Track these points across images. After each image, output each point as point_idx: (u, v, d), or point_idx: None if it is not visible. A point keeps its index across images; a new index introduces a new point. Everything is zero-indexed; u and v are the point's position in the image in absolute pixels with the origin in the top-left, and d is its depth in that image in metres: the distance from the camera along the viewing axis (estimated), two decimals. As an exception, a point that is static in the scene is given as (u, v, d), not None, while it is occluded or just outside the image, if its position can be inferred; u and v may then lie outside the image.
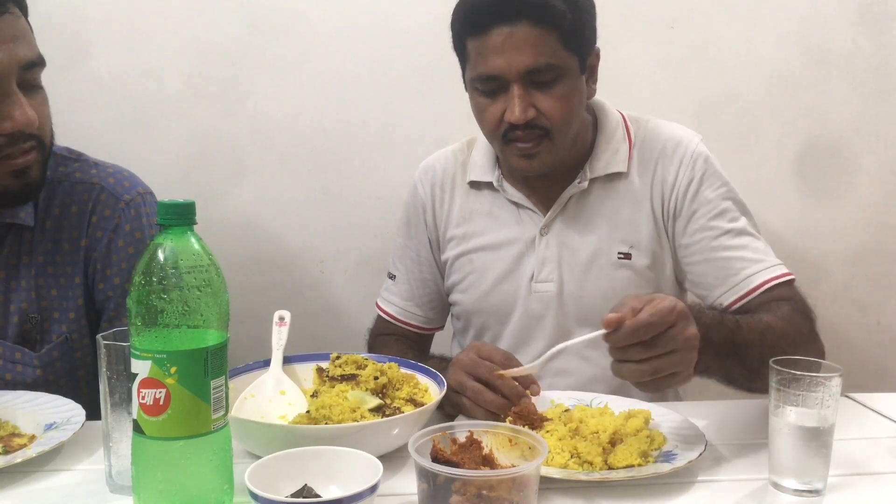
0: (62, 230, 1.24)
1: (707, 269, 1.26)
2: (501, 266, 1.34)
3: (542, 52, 1.16)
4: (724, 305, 1.23)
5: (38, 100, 1.13)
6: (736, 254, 1.24)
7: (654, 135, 1.32)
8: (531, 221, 1.33)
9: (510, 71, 1.17)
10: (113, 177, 1.28)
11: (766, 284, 1.21)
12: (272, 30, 1.76)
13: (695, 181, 1.27)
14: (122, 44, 1.74)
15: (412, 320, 1.46)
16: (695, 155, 1.28)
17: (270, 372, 1.12)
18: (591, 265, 1.30)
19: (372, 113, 1.80)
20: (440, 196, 1.41)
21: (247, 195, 1.82)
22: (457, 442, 0.84)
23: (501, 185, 1.34)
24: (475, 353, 1.08)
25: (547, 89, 1.19)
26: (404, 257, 1.46)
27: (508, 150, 1.24)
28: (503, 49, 1.16)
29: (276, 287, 1.85)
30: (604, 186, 1.30)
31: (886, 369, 1.94)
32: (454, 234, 1.39)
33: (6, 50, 1.06)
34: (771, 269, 1.23)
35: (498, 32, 1.16)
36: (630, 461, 0.93)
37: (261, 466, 0.81)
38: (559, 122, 1.20)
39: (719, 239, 1.25)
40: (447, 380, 1.08)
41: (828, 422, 0.87)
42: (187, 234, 0.79)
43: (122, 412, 0.87)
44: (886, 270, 1.91)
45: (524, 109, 1.17)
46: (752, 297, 1.21)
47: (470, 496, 0.75)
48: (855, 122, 1.85)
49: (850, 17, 1.81)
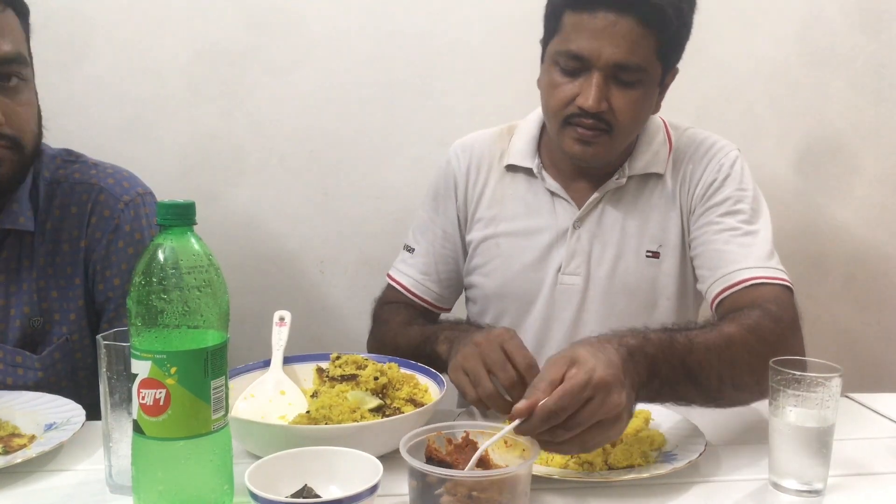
0: (62, 231, 1.23)
1: (702, 261, 1.25)
2: (530, 254, 1.33)
3: (637, 52, 1.15)
4: (712, 297, 1.21)
5: (16, 99, 1.12)
6: (734, 249, 1.22)
7: (693, 140, 1.33)
8: (565, 213, 1.32)
9: (600, 58, 1.15)
10: (112, 177, 1.28)
11: (753, 280, 1.17)
12: (272, 30, 1.76)
13: (717, 181, 1.28)
14: (122, 44, 1.74)
15: (426, 295, 1.42)
16: (725, 159, 1.29)
17: (270, 372, 1.12)
18: (619, 261, 1.30)
19: (372, 113, 1.80)
20: (475, 175, 1.39)
21: (247, 196, 1.82)
22: (452, 442, 0.84)
23: (541, 173, 1.34)
24: (500, 344, 1.01)
25: (625, 88, 1.18)
26: (427, 231, 1.43)
27: (566, 132, 1.22)
28: (602, 35, 1.14)
29: (276, 287, 1.84)
30: (640, 186, 1.31)
31: (886, 369, 1.94)
32: (483, 216, 1.38)
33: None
34: (764, 270, 1.18)
35: (604, 17, 1.14)
36: (630, 461, 0.93)
37: (261, 466, 0.81)
38: (626, 122, 1.20)
39: (722, 234, 1.24)
40: (462, 357, 1.04)
41: (828, 422, 0.87)
42: (187, 235, 0.79)
43: (122, 412, 0.87)
44: (886, 270, 1.91)
45: (599, 100, 1.17)
46: (737, 290, 1.18)
47: (461, 496, 0.75)
48: (855, 122, 1.85)
49: (850, 17, 1.81)
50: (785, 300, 1.15)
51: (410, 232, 1.46)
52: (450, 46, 1.77)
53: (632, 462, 0.93)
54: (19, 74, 1.13)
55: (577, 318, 1.32)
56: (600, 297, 1.31)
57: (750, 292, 1.17)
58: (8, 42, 1.10)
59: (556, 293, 1.32)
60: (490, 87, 1.78)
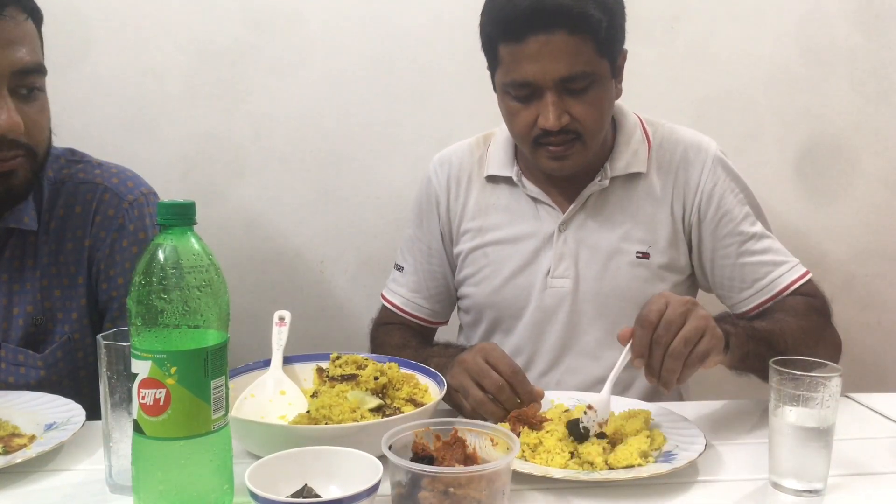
0: (66, 230, 1.24)
1: (735, 274, 1.30)
2: (517, 260, 1.34)
3: (578, 61, 1.16)
4: (750, 307, 1.29)
5: (33, 107, 1.12)
6: (762, 258, 1.29)
7: (673, 138, 1.34)
8: (549, 217, 1.33)
9: (545, 79, 1.17)
10: (116, 177, 1.28)
11: (792, 286, 1.27)
12: (272, 30, 1.76)
13: (718, 186, 1.30)
14: (122, 44, 1.74)
15: (418, 312, 1.45)
16: (715, 160, 1.32)
17: (270, 372, 1.12)
18: (609, 263, 1.31)
19: (372, 113, 1.80)
20: (455, 189, 1.40)
21: (247, 195, 1.82)
22: (441, 439, 0.85)
23: (520, 181, 1.34)
24: (482, 356, 1.08)
25: (580, 95, 1.19)
26: (414, 249, 1.45)
27: (539, 153, 1.25)
28: (539, 57, 1.16)
29: (276, 287, 1.84)
30: (624, 186, 1.32)
31: (886, 369, 1.93)
32: (469, 228, 1.39)
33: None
34: (793, 270, 1.29)
35: (534, 40, 1.15)
36: (630, 461, 0.93)
37: (261, 466, 0.82)
38: (592, 126, 1.22)
39: (746, 244, 1.29)
40: (450, 377, 1.08)
41: (828, 422, 0.87)
42: (187, 235, 0.79)
43: (122, 412, 0.87)
44: (886, 270, 1.91)
45: (558, 116, 1.18)
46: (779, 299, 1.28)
47: (437, 492, 0.76)
48: (855, 122, 1.85)
49: (850, 17, 1.80)
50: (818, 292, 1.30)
51: (399, 250, 1.49)
52: (450, 46, 1.77)
53: (632, 462, 0.93)
54: (38, 84, 1.13)
55: (570, 320, 1.32)
56: (591, 299, 1.31)
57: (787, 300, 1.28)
58: (29, 52, 1.10)
59: (546, 297, 1.33)
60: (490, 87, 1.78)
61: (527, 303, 1.34)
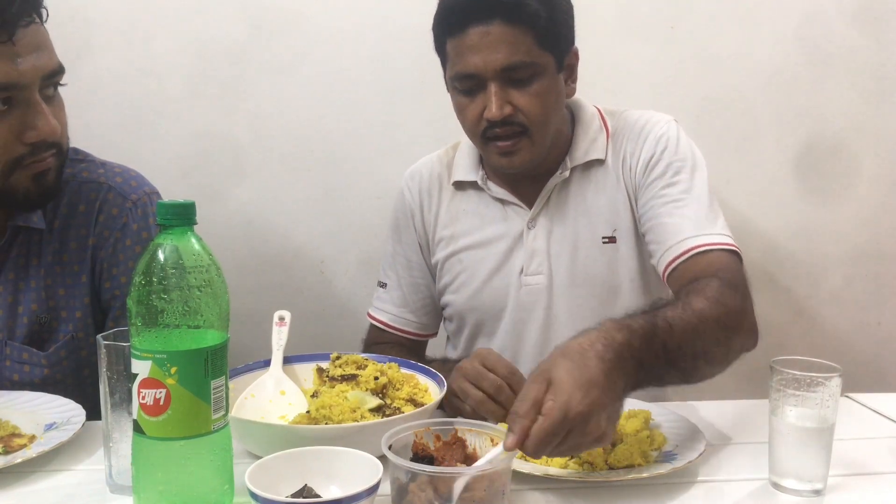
0: (70, 229, 1.24)
1: (651, 236, 1.26)
2: (490, 263, 1.36)
3: (517, 51, 1.18)
4: (662, 270, 1.22)
5: (56, 106, 1.15)
6: (677, 220, 1.22)
7: (629, 122, 1.34)
8: (517, 217, 1.34)
9: (486, 69, 1.19)
10: (120, 176, 1.29)
11: (699, 248, 1.18)
12: (272, 30, 1.76)
13: (655, 156, 1.28)
14: (122, 44, 1.74)
15: (407, 327, 1.46)
16: (660, 133, 1.29)
17: (270, 372, 1.12)
18: (578, 252, 1.31)
19: (372, 113, 1.80)
20: (427, 200, 1.42)
21: (247, 195, 1.82)
22: (441, 439, 0.86)
23: (486, 184, 1.36)
24: (479, 361, 1.08)
25: (523, 87, 1.20)
26: (395, 264, 1.47)
27: (489, 149, 1.26)
28: (479, 48, 1.18)
29: (276, 287, 1.84)
30: (583, 175, 1.32)
31: (886, 369, 1.93)
32: (442, 236, 1.41)
33: (30, 60, 1.07)
34: (709, 235, 1.19)
35: (474, 32, 1.18)
36: (630, 461, 0.93)
37: (261, 466, 0.82)
38: (536, 118, 1.22)
39: (666, 206, 1.24)
40: (450, 383, 1.09)
41: (828, 422, 0.87)
42: (187, 235, 0.79)
43: (122, 412, 0.87)
44: (886, 270, 1.91)
45: (500, 106, 1.20)
46: (684, 260, 1.18)
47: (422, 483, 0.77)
48: (855, 122, 1.85)
49: (850, 18, 1.80)
50: (734, 266, 1.16)
51: (381, 267, 1.50)
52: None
53: (632, 462, 0.93)
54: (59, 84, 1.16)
55: (547, 316, 1.33)
56: (565, 291, 1.32)
57: (698, 260, 1.17)
58: (54, 55, 1.13)
59: (522, 295, 1.34)
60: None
61: (504, 304, 1.35)
